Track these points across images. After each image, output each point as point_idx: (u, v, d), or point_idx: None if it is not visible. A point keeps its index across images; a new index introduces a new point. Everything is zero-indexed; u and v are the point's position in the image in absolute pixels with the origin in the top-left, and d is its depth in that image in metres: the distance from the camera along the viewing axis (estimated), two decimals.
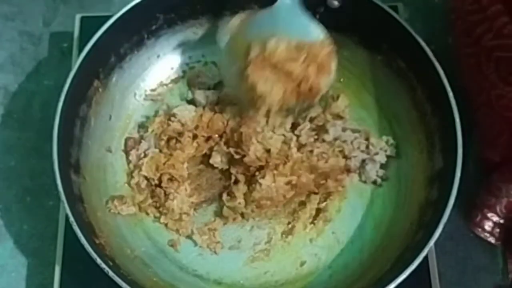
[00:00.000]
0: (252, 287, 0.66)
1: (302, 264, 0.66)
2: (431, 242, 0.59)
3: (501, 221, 0.67)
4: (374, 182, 0.70)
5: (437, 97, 0.66)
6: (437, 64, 0.65)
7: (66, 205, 0.60)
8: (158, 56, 0.74)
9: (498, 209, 0.67)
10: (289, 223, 0.68)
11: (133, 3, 0.68)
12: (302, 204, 0.69)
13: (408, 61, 0.69)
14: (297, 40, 0.62)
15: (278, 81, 0.62)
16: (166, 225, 0.68)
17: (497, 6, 0.62)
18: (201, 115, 0.70)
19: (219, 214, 0.69)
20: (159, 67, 0.75)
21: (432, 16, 0.80)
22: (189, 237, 0.68)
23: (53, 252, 0.66)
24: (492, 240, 0.68)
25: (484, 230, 0.68)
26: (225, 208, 0.68)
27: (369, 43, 0.72)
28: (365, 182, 0.70)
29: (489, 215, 0.68)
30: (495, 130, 0.67)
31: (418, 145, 0.69)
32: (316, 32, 0.63)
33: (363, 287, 0.62)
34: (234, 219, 0.68)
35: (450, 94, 0.64)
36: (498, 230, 0.68)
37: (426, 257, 0.61)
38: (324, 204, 0.69)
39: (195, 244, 0.67)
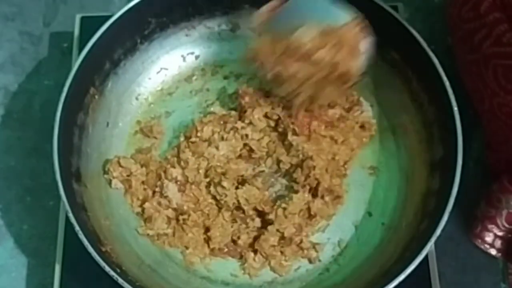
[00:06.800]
0: (260, 286, 0.66)
1: (309, 260, 0.67)
2: (438, 231, 0.59)
3: (502, 233, 0.67)
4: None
5: (433, 87, 0.66)
6: (431, 54, 0.65)
7: (71, 214, 0.59)
8: (152, 61, 0.74)
9: (499, 221, 0.66)
10: None
11: (124, 9, 0.68)
12: None
13: (402, 52, 0.69)
14: (323, 26, 0.61)
15: (308, 72, 0.61)
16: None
17: (496, 14, 0.61)
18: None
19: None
20: (154, 71, 0.75)
21: (432, 16, 0.80)
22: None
23: (53, 252, 0.66)
24: (492, 252, 0.68)
25: (484, 241, 0.68)
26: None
27: None
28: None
29: (489, 226, 0.67)
30: (499, 136, 0.66)
31: (417, 135, 0.69)
32: (341, 15, 0.61)
33: (372, 279, 0.62)
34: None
35: (447, 83, 0.64)
36: (499, 242, 0.67)
37: (426, 257, 0.61)
38: (326, 198, 0.68)
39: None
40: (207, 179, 0.68)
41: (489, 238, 0.68)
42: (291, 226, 0.65)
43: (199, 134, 0.68)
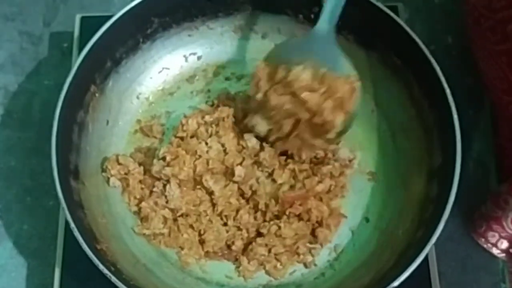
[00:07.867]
0: None
1: (305, 265, 0.66)
2: (434, 239, 0.59)
3: (506, 234, 0.66)
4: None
5: (434, 93, 0.65)
6: (433, 60, 0.65)
7: (66, 211, 0.59)
8: (154, 60, 0.74)
9: (504, 223, 0.65)
10: None
11: (127, 8, 0.68)
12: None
13: (403, 57, 0.69)
14: (322, 71, 0.62)
15: (292, 109, 0.63)
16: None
17: None
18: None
19: None
20: (155, 70, 0.75)
21: (432, 16, 0.80)
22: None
23: (53, 252, 0.66)
24: (495, 251, 0.68)
25: (487, 241, 0.68)
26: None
27: (364, 41, 0.72)
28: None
29: (494, 227, 0.66)
30: None
31: (416, 142, 0.69)
32: (344, 67, 0.64)
33: (367, 285, 0.62)
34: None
35: (447, 90, 0.64)
36: (503, 243, 0.67)
37: (426, 257, 0.61)
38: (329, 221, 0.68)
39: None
40: (202, 176, 0.67)
41: (493, 238, 0.67)
42: (280, 246, 0.65)
43: (185, 128, 0.68)
